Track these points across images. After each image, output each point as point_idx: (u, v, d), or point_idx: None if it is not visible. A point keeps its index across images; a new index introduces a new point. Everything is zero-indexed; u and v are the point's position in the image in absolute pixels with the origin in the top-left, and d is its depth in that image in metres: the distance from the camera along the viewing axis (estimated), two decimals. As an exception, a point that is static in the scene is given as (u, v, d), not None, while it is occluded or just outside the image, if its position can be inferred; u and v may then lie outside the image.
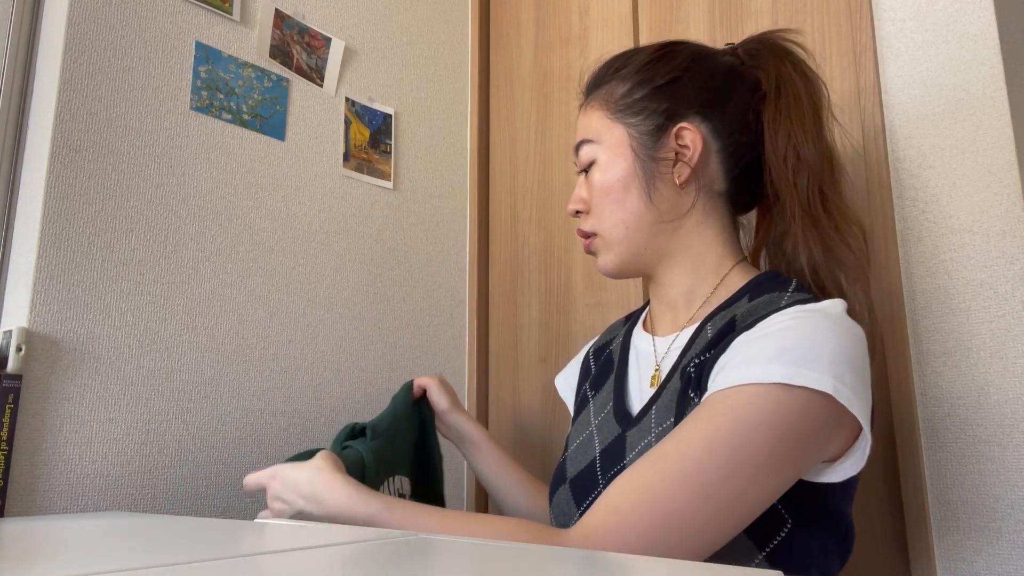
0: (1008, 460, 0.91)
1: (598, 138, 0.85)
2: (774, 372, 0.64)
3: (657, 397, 0.78)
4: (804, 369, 0.63)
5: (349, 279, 1.34)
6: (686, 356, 0.78)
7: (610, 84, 0.86)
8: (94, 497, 0.97)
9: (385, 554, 0.49)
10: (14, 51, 1.07)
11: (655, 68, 0.84)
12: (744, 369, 0.65)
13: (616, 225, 0.83)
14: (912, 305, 1.00)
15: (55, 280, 0.97)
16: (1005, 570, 0.90)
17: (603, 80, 0.88)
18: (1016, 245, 0.94)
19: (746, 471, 0.62)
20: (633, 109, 0.83)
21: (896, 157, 1.04)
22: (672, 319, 0.86)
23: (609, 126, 0.85)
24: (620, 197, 0.83)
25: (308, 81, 1.32)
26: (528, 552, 0.51)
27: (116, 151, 1.06)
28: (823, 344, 0.65)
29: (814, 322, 0.67)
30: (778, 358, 0.64)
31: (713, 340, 0.74)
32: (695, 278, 0.84)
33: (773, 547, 0.68)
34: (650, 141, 0.82)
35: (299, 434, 1.21)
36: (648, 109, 0.83)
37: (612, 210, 0.83)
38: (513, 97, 1.59)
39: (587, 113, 0.88)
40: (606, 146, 0.84)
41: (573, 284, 1.42)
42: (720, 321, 0.76)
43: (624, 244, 0.84)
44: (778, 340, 0.66)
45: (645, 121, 0.83)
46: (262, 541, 0.55)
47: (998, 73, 0.98)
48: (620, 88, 0.85)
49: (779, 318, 0.69)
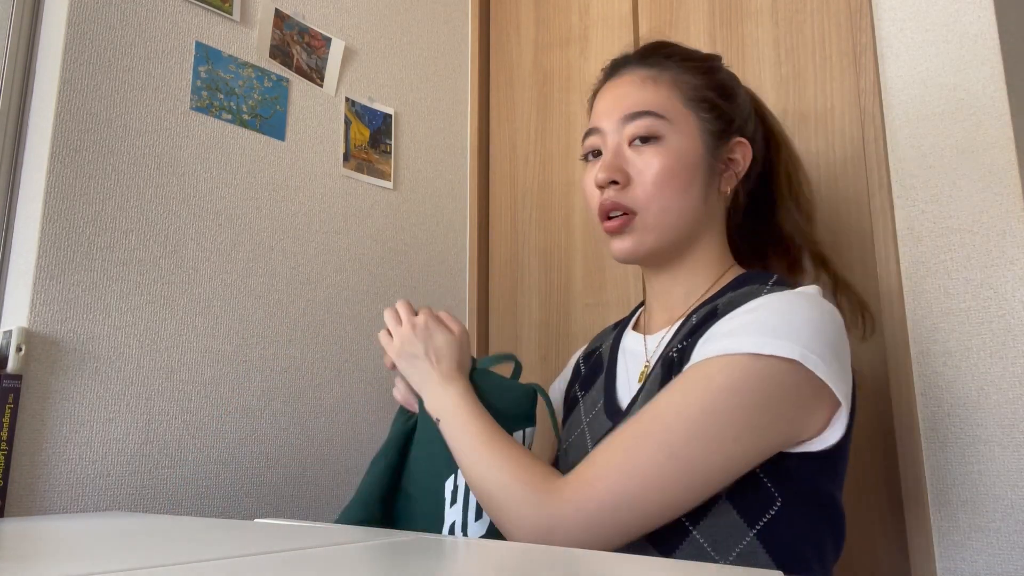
0: (1008, 460, 0.91)
1: (670, 116, 0.82)
2: (744, 343, 0.67)
3: (643, 388, 0.80)
4: (772, 339, 0.67)
5: (349, 279, 1.34)
6: (669, 346, 0.80)
7: (678, 69, 0.85)
8: (94, 497, 0.97)
9: (385, 554, 0.49)
10: (14, 51, 1.07)
11: (720, 78, 0.87)
12: (718, 342, 0.70)
13: (670, 210, 0.81)
14: (912, 305, 1.00)
15: (55, 280, 0.97)
16: (1005, 570, 0.90)
17: (669, 58, 0.86)
18: (1016, 245, 0.94)
19: (711, 432, 0.66)
20: (707, 104, 0.83)
21: (896, 157, 1.04)
22: (666, 317, 0.87)
23: (683, 110, 0.83)
24: (685, 185, 0.81)
25: (308, 81, 1.32)
26: (528, 552, 0.51)
27: (116, 151, 1.06)
28: (792, 317, 0.69)
29: (787, 299, 0.71)
30: (748, 330, 0.68)
31: (694, 327, 0.77)
32: (698, 278, 0.85)
33: (763, 525, 0.69)
34: (713, 142, 0.83)
35: (299, 434, 1.21)
36: (717, 111, 0.84)
37: (672, 195, 0.81)
38: (513, 97, 1.59)
39: (652, 86, 0.84)
40: (679, 128, 0.82)
41: (573, 284, 1.41)
42: (703, 310, 0.79)
43: (669, 233, 0.82)
44: (753, 316, 0.70)
45: (715, 121, 0.84)
46: (262, 541, 0.55)
47: (998, 73, 0.98)
48: (693, 79, 0.84)
49: (756, 301, 0.73)
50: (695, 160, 0.82)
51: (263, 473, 1.15)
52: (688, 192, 0.81)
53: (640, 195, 0.81)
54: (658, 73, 0.84)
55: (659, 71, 0.84)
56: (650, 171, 0.80)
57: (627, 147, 0.82)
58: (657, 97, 0.83)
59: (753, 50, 1.22)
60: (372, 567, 0.45)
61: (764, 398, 0.66)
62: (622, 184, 0.81)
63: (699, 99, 0.83)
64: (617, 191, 0.81)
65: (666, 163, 0.80)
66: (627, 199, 0.81)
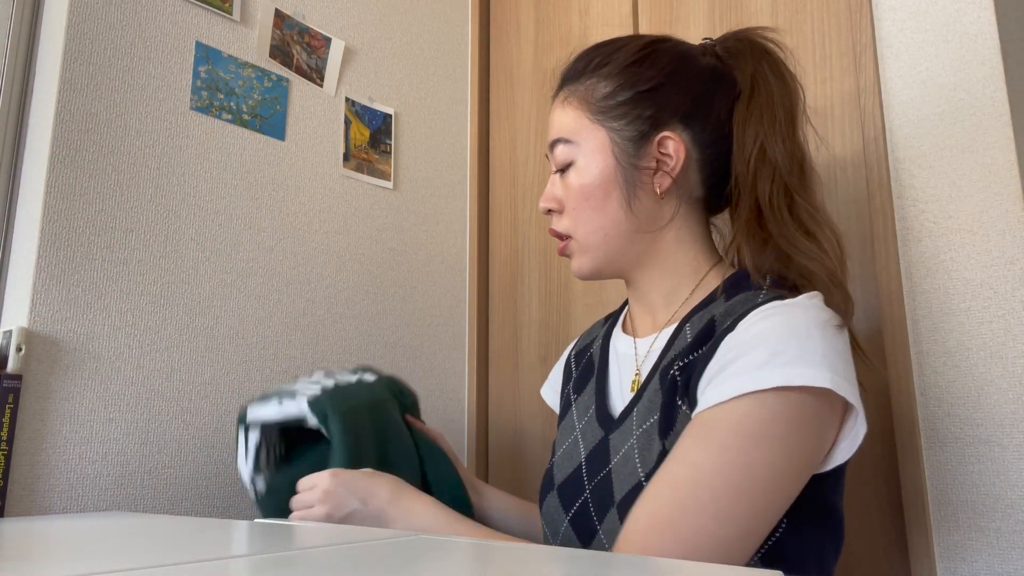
0: (1008, 460, 0.91)
1: (577, 139, 0.81)
2: (769, 377, 0.63)
3: (638, 399, 0.77)
4: (799, 368, 0.63)
5: (349, 279, 1.34)
6: (665, 358, 0.77)
7: (590, 81, 0.82)
8: (94, 497, 0.97)
9: (385, 554, 0.49)
10: (14, 51, 1.07)
11: (639, 71, 0.81)
12: (738, 379, 0.65)
13: (594, 231, 0.81)
14: (912, 305, 1.00)
15: (55, 280, 0.97)
16: (1005, 570, 0.90)
17: (581, 74, 0.83)
18: (1016, 245, 0.94)
19: (759, 487, 0.62)
20: (615, 112, 0.80)
21: (896, 157, 1.04)
22: (652, 321, 0.84)
23: (590, 127, 0.81)
24: (600, 204, 0.80)
25: (308, 81, 1.32)
26: (527, 552, 0.51)
27: (116, 151, 1.06)
28: (810, 339, 0.65)
29: (796, 318, 0.67)
30: (770, 362, 0.64)
31: (694, 342, 0.74)
32: (673, 281, 0.82)
33: (767, 548, 0.68)
34: (632, 148, 0.79)
35: (299, 434, 1.21)
36: (631, 114, 0.79)
37: (590, 216, 0.81)
38: (513, 97, 1.59)
39: (563, 109, 0.83)
40: (586, 149, 0.81)
41: (573, 284, 1.41)
42: (699, 322, 0.75)
43: (601, 251, 0.82)
44: (766, 343, 0.65)
45: (628, 127, 0.79)
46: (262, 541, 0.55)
47: (998, 73, 0.98)
48: (602, 88, 0.81)
49: (757, 316, 0.68)
50: (606, 175, 0.79)
51: (263, 473, 1.15)
52: (605, 209, 0.80)
53: (567, 220, 0.83)
54: (571, 90, 0.83)
55: (573, 87, 0.83)
56: (569, 195, 0.82)
57: (556, 173, 0.84)
58: (565, 119, 0.83)
59: (753, 50, 1.22)
60: (372, 567, 0.45)
61: (801, 433, 0.64)
62: (557, 211, 0.84)
63: (606, 109, 0.80)
64: (555, 218, 0.84)
65: (577, 186, 0.81)
66: (562, 225, 0.83)
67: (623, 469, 0.73)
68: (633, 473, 0.72)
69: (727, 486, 0.62)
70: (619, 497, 0.72)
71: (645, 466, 0.71)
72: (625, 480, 0.72)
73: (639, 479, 0.70)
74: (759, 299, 0.71)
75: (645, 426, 0.74)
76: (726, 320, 0.71)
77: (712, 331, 0.72)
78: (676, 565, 0.48)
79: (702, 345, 0.72)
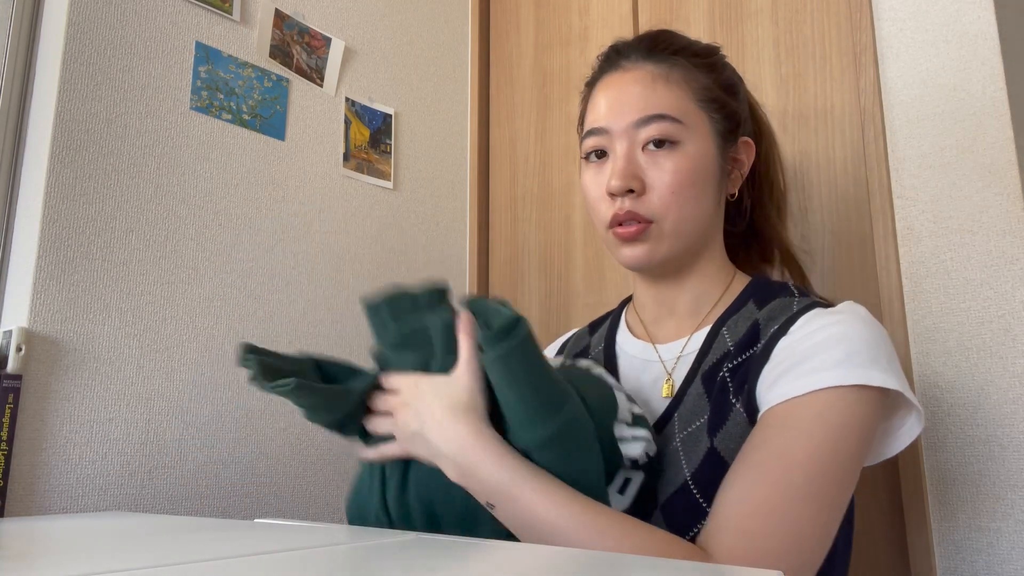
0: (1008, 460, 0.91)
1: (685, 119, 0.77)
2: (848, 375, 0.66)
3: (677, 404, 0.76)
4: (873, 371, 0.66)
5: (349, 279, 1.34)
6: (705, 361, 0.76)
7: (687, 66, 0.79)
8: (94, 497, 0.97)
9: (385, 554, 0.49)
10: (14, 51, 1.07)
11: (724, 74, 0.82)
12: (816, 375, 0.66)
13: (688, 219, 0.77)
14: (912, 305, 1.00)
15: (55, 280, 0.97)
16: (1005, 570, 0.90)
17: (677, 54, 0.80)
18: (1016, 245, 0.94)
19: (846, 473, 0.65)
20: (717, 104, 0.79)
21: (896, 157, 1.04)
22: (675, 326, 0.83)
23: (695, 112, 0.78)
24: (701, 192, 0.77)
25: (308, 81, 1.32)
26: (527, 552, 0.51)
27: (116, 151, 1.06)
28: (879, 346, 0.69)
29: (859, 325, 0.70)
30: (846, 362, 0.66)
31: (741, 345, 0.74)
32: (705, 285, 0.82)
33: None
34: (723, 144, 0.80)
35: (299, 434, 1.21)
36: (726, 110, 0.80)
37: (688, 203, 0.76)
38: (513, 97, 1.59)
39: (665, 86, 0.78)
40: (694, 132, 0.77)
41: (573, 284, 1.41)
42: (737, 326, 0.76)
43: (685, 240, 0.78)
44: (840, 346, 0.67)
45: (724, 122, 0.79)
46: (262, 541, 0.55)
47: (998, 73, 0.98)
48: (702, 77, 0.79)
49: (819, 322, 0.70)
50: (710, 164, 0.78)
51: (263, 473, 1.15)
52: (703, 199, 0.77)
53: (658, 204, 0.76)
54: (668, 71, 0.78)
55: (669, 68, 0.79)
56: (668, 179, 0.75)
57: (640, 151, 0.77)
58: (670, 98, 0.77)
59: (753, 50, 1.22)
60: (372, 567, 0.45)
61: (869, 429, 0.67)
62: (638, 192, 0.76)
63: (710, 99, 0.79)
64: (633, 200, 0.76)
65: (683, 170, 0.76)
66: (644, 208, 0.76)
67: (667, 472, 0.72)
68: (678, 474, 0.71)
69: (821, 471, 0.63)
70: (663, 499, 0.71)
71: (691, 466, 0.71)
72: (669, 483, 0.71)
73: (684, 479, 0.70)
74: (796, 305, 0.74)
75: (691, 429, 0.73)
76: (771, 324, 0.73)
77: (757, 334, 0.73)
78: (679, 565, 0.48)
79: (749, 347, 0.73)
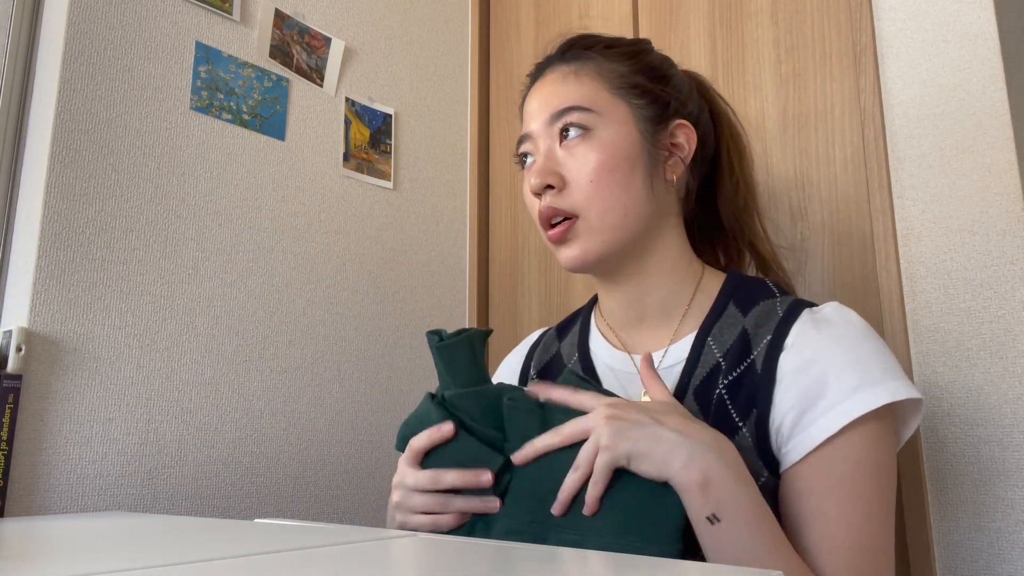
0: (1008, 460, 0.91)
1: (597, 108, 0.75)
2: (874, 398, 0.65)
3: None
4: (890, 383, 0.66)
5: (349, 279, 1.34)
6: (695, 374, 0.73)
7: (600, 59, 0.79)
8: (94, 497, 0.97)
9: (385, 554, 0.50)
10: (14, 51, 1.07)
11: (648, 60, 0.81)
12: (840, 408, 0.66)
13: (614, 208, 0.74)
14: (912, 305, 1.00)
15: (55, 280, 0.97)
16: (1005, 570, 0.90)
17: (590, 49, 0.80)
18: (1016, 245, 0.94)
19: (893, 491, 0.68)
20: (636, 91, 0.77)
21: (896, 157, 1.04)
22: (650, 334, 0.80)
23: (610, 99, 0.76)
24: (625, 178, 0.74)
25: (308, 81, 1.32)
26: (526, 552, 0.51)
27: (116, 151, 1.06)
28: (882, 352, 0.69)
29: (857, 336, 0.70)
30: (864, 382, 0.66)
31: (733, 358, 0.72)
32: (671, 285, 0.79)
33: None
34: (651, 128, 0.77)
35: (299, 434, 1.21)
36: (650, 95, 0.78)
37: (612, 191, 0.74)
38: (513, 97, 1.59)
39: (575, 80, 0.77)
40: (609, 119, 0.75)
41: (573, 284, 1.42)
42: (724, 334, 0.74)
43: (617, 232, 0.74)
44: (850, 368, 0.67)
45: (649, 107, 0.77)
46: (262, 541, 0.55)
47: (998, 73, 0.98)
48: (618, 66, 0.78)
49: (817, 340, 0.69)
50: (632, 149, 0.75)
51: (263, 473, 1.15)
52: (629, 185, 0.74)
53: (578, 196, 0.74)
54: (579, 66, 0.78)
55: (580, 64, 0.78)
56: (585, 168, 0.74)
57: (558, 147, 0.76)
58: (580, 89, 0.76)
59: (753, 50, 1.22)
60: (372, 567, 0.45)
61: (895, 439, 0.69)
62: (558, 188, 0.74)
63: (627, 85, 0.77)
64: (554, 196, 0.75)
65: (600, 157, 0.74)
66: (565, 203, 0.74)
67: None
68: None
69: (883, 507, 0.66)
70: None
71: None
72: None
73: None
74: (780, 308, 0.73)
75: None
76: (761, 333, 0.72)
77: (747, 345, 0.72)
78: (679, 565, 0.48)
79: (742, 360, 0.71)
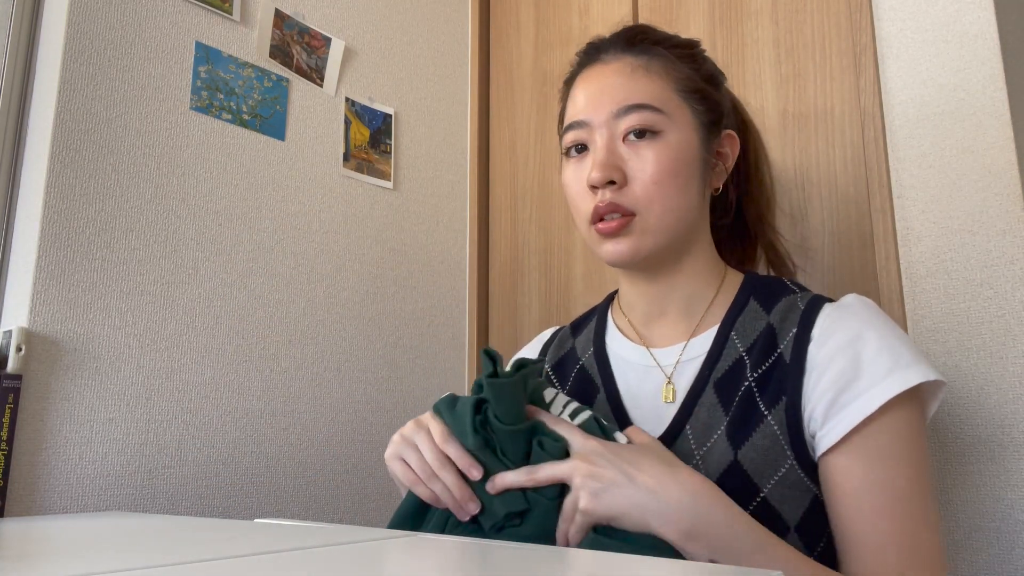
0: (1008, 460, 0.91)
1: (666, 108, 0.75)
2: (908, 378, 0.66)
3: (688, 414, 0.73)
4: (921, 366, 0.67)
5: (349, 279, 1.34)
6: (717, 367, 0.74)
7: (668, 57, 0.78)
8: (94, 497, 0.97)
9: (385, 554, 0.49)
10: (14, 51, 1.07)
11: (705, 65, 0.81)
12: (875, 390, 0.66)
13: (671, 211, 0.74)
14: (912, 305, 1.00)
15: (55, 280, 0.97)
16: (1005, 570, 0.90)
17: (657, 44, 0.79)
18: (1016, 245, 0.94)
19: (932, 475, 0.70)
20: (699, 96, 0.77)
21: (896, 157, 1.04)
22: (670, 328, 0.80)
23: (678, 103, 0.76)
24: (685, 184, 0.75)
25: (308, 81, 1.32)
26: (526, 553, 0.51)
27: (116, 151, 1.06)
28: (905, 337, 0.70)
29: (881, 322, 0.71)
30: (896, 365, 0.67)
31: (760, 352, 0.72)
32: (698, 284, 0.79)
33: (821, 548, 0.68)
34: (707, 135, 0.78)
35: (299, 434, 1.21)
36: (708, 102, 0.78)
37: (672, 194, 0.74)
38: (513, 97, 1.59)
39: (645, 76, 0.77)
40: (676, 122, 0.75)
41: (573, 284, 1.41)
42: (747, 329, 0.75)
43: (668, 234, 0.75)
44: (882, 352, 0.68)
45: (707, 113, 0.78)
46: (262, 541, 0.55)
47: (998, 73, 0.98)
48: (683, 68, 0.78)
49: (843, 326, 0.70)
50: (692, 155, 0.76)
51: (263, 473, 1.15)
52: (688, 191, 0.75)
53: (640, 195, 0.74)
54: (648, 61, 0.77)
55: (649, 59, 0.77)
56: (650, 169, 0.73)
57: (621, 143, 0.75)
58: (651, 88, 0.76)
59: (753, 50, 1.22)
60: (372, 567, 0.45)
61: (925, 422, 0.70)
62: (619, 184, 0.74)
63: (692, 90, 0.77)
64: (614, 191, 0.74)
65: (666, 160, 0.74)
66: (626, 200, 0.74)
67: None
68: None
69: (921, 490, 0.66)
70: None
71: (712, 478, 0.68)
72: None
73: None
74: (801, 303, 0.74)
75: (708, 444, 0.70)
76: (787, 327, 0.73)
77: (774, 339, 0.73)
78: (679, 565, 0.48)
79: (769, 354, 0.72)
